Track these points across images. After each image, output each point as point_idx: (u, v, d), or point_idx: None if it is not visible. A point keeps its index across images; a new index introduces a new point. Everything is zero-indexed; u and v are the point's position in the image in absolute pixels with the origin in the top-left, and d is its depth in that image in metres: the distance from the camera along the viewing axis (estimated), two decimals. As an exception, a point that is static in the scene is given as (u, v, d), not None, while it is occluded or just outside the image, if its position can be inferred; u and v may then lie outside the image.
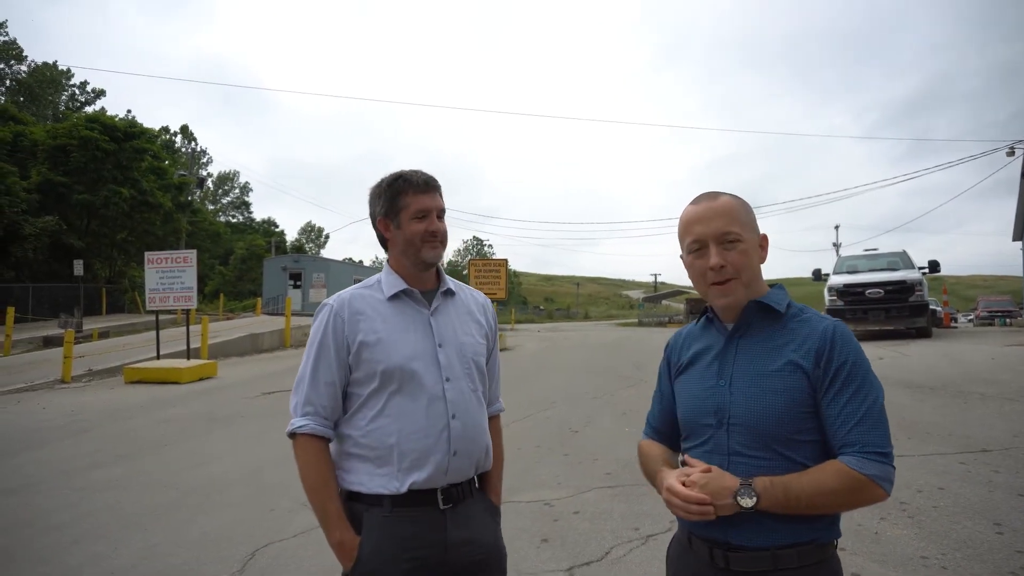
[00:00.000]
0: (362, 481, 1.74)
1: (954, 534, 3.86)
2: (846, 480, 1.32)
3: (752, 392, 1.44)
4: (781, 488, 1.35)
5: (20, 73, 48.47)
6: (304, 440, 1.76)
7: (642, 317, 60.74)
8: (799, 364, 1.41)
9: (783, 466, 1.39)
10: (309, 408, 1.77)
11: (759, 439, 1.42)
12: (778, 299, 1.51)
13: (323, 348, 1.78)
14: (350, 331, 1.78)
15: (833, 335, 1.41)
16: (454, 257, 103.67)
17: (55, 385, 12.19)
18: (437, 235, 1.84)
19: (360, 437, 1.76)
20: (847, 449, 1.34)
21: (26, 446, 7.16)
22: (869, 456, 1.32)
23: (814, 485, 1.34)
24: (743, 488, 1.36)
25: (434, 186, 1.87)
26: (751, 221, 1.53)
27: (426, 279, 1.90)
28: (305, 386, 1.78)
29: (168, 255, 14.03)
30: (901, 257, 16.49)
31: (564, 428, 7.32)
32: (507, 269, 21.33)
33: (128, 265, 38.01)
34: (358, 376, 1.79)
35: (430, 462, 1.73)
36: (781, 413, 1.40)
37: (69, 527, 4.53)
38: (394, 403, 1.76)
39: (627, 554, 3.79)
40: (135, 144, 34.63)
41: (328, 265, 36.05)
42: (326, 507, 1.72)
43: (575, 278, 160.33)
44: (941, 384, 8.85)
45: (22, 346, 20.60)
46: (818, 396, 1.40)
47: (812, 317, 1.48)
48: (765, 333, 1.49)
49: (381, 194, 1.88)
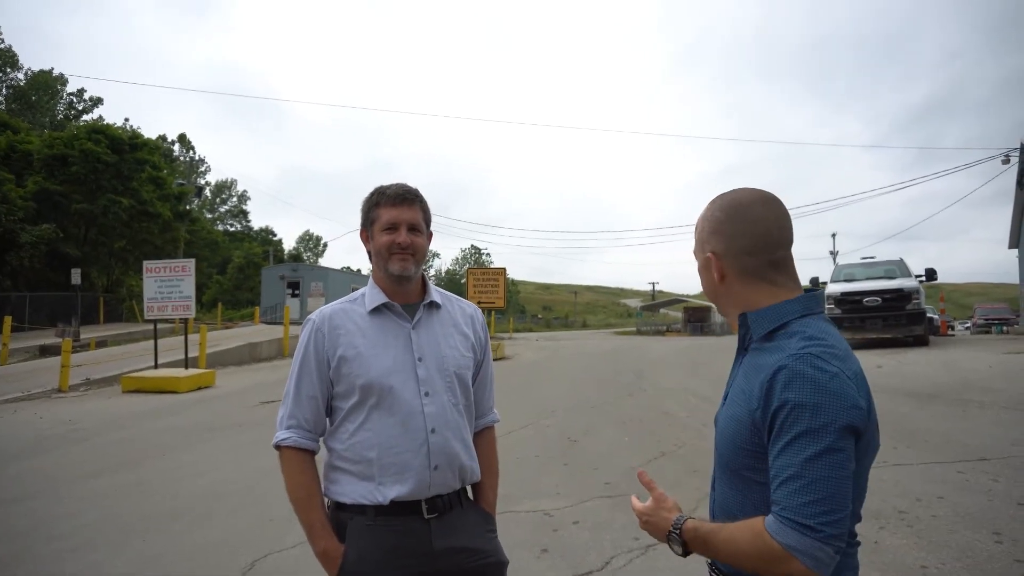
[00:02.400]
0: (346, 492, 1.77)
1: (953, 543, 3.87)
2: (758, 544, 1.15)
3: (725, 413, 1.36)
4: (702, 540, 1.25)
5: (17, 80, 48.57)
6: (288, 452, 1.80)
7: (640, 326, 60.82)
8: (748, 395, 1.26)
9: (742, 503, 1.28)
10: (292, 421, 1.81)
11: (722, 466, 1.35)
12: (766, 317, 1.31)
13: (305, 363, 1.83)
14: (330, 346, 1.81)
15: (776, 372, 1.19)
16: (452, 266, 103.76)
17: (52, 394, 12.15)
18: (406, 248, 1.83)
19: (343, 450, 1.80)
20: (774, 508, 1.15)
21: (24, 455, 7.14)
22: (787, 523, 1.12)
23: (730, 543, 1.21)
24: (672, 533, 1.29)
25: (408, 199, 1.87)
26: (702, 239, 1.41)
27: (410, 292, 1.90)
28: (289, 400, 1.83)
29: (166, 264, 14.03)
30: (898, 265, 16.53)
31: (563, 437, 7.31)
32: (505, 278, 21.34)
33: (126, 274, 37.98)
34: (339, 390, 1.81)
35: (411, 476, 1.74)
36: (730, 443, 1.29)
37: (68, 536, 4.51)
38: (374, 418, 1.77)
39: (627, 564, 3.79)
40: (137, 155, 34.68)
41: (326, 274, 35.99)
42: (310, 517, 1.76)
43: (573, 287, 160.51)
44: (939, 392, 8.87)
45: (19, 355, 20.54)
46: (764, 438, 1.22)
47: (786, 344, 1.24)
48: (754, 350, 1.33)
49: (363, 207, 1.91)
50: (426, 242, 1.90)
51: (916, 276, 15.82)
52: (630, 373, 12.63)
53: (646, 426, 7.82)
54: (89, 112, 50.81)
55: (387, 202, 1.85)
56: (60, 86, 50.56)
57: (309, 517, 1.76)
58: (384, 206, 1.85)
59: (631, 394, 10.25)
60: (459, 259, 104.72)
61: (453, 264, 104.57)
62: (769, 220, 1.34)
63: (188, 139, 63.20)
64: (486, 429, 2.04)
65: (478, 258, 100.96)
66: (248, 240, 66.15)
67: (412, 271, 1.85)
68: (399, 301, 1.87)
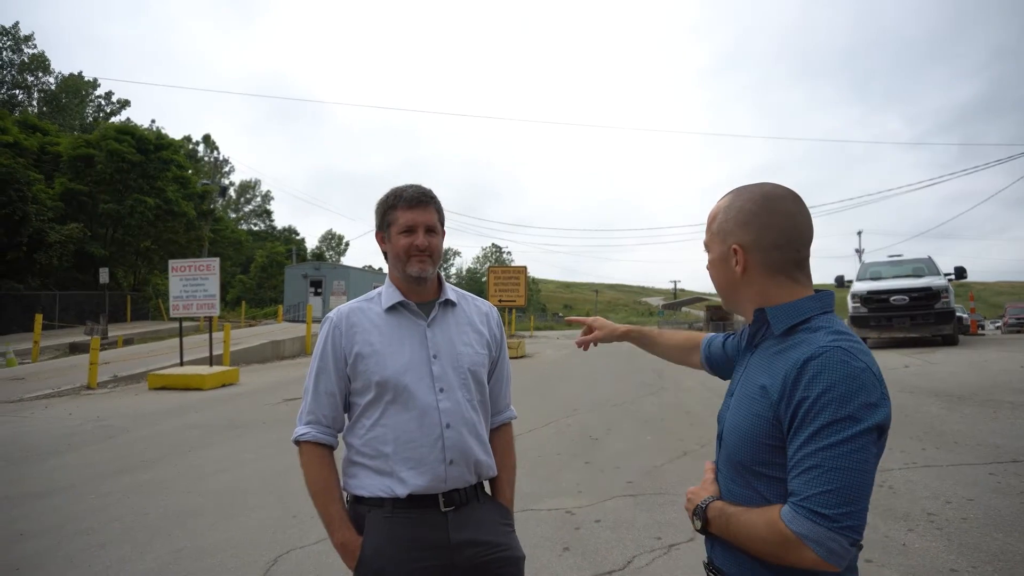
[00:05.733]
0: (364, 485, 1.81)
1: (984, 547, 3.79)
2: (772, 531, 1.16)
3: (735, 410, 1.35)
4: (724, 520, 1.27)
5: (48, 84, 49.58)
6: (307, 447, 1.85)
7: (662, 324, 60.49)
8: (768, 390, 1.24)
9: (752, 499, 1.26)
10: (311, 417, 1.86)
11: (732, 464, 1.33)
12: (787, 313, 1.30)
13: (324, 360, 1.86)
14: (347, 343, 1.84)
15: (803, 365, 1.18)
16: (473, 264, 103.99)
17: (81, 391, 12.38)
18: (424, 250, 1.86)
19: (360, 445, 1.83)
20: (790, 498, 1.16)
21: (54, 451, 7.28)
22: (801, 511, 1.12)
23: (747, 527, 1.22)
24: (698, 509, 1.33)
25: (425, 201, 1.89)
26: (723, 230, 1.37)
27: (425, 290, 1.93)
28: (309, 396, 1.87)
29: (191, 263, 14.23)
30: (926, 263, 16.24)
31: (585, 436, 7.29)
32: (526, 276, 21.33)
33: (152, 273, 38.60)
34: (356, 387, 1.85)
35: (427, 471, 1.77)
36: (746, 439, 1.28)
37: (96, 531, 4.59)
38: (390, 413, 1.81)
39: (649, 563, 3.76)
40: (162, 155, 35.23)
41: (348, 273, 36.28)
42: (328, 510, 1.80)
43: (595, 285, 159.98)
44: (969, 393, 8.69)
45: (49, 352, 20.99)
46: (783, 433, 1.22)
47: (812, 337, 1.24)
48: (768, 346, 1.33)
49: (378, 209, 1.94)
50: (441, 242, 1.94)
51: (945, 274, 15.53)
52: (651, 372, 12.55)
53: (668, 425, 7.77)
54: (117, 114, 51.76)
55: (404, 205, 1.87)
56: (90, 89, 51.54)
57: (328, 510, 1.79)
58: (401, 209, 1.87)
59: (653, 392, 10.19)
60: (480, 258, 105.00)
61: (474, 263, 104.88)
62: (800, 216, 1.33)
63: (212, 140, 64.05)
64: (503, 426, 2.06)
65: (499, 257, 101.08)
66: (271, 239, 66.86)
67: (430, 272, 1.89)
68: (415, 300, 1.91)
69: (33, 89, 49.25)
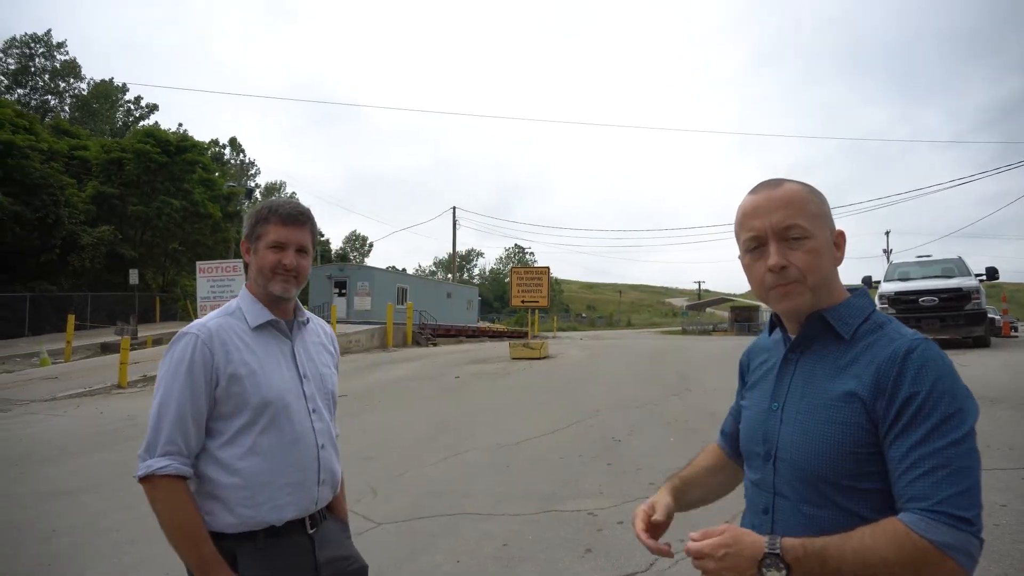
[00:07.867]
0: (229, 520, 1.66)
1: (1017, 553, 3.70)
2: (903, 547, 1.00)
3: (803, 422, 1.20)
4: (816, 558, 1.05)
5: (80, 90, 50.65)
6: (166, 483, 1.63)
7: (686, 325, 60.04)
8: (857, 394, 1.13)
9: (837, 519, 1.12)
10: (171, 447, 1.64)
11: (808, 482, 1.17)
12: (848, 314, 1.24)
13: (189, 380, 1.66)
14: (221, 363, 1.69)
15: (904, 359, 1.10)
16: (496, 265, 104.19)
17: (112, 390, 12.64)
18: (290, 270, 1.79)
19: (226, 476, 1.67)
20: (911, 505, 1.03)
21: (85, 449, 7.44)
22: (938, 517, 1.00)
23: (860, 554, 1.03)
24: (769, 559, 1.07)
25: (300, 220, 1.81)
26: (822, 213, 1.26)
27: (287, 308, 1.87)
28: (167, 422, 1.65)
29: (218, 264, 14.47)
30: (956, 264, 15.92)
31: (607, 437, 7.26)
32: (549, 277, 21.31)
33: (180, 274, 39.19)
34: (224, 410, 1.70)
35: (304, 494, 1.75)
36: (834, 453, 1.14)
37: (126, 528, 4.68)
38: (266, 438, 1.71)
39: (672, 566, 3.74)
40: (187, 157, 35.81)
41: (372, 274, 36.48)
42: (201, 552, 1.61)
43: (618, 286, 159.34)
44: (1002, 396, 8.51)
45: (81, 352, 21.43)
46: (881, 435, 1.11)
47: (889, 333, 1.18)
48: (830, 350, 1.23)
49: (249, 218, 1.85)
50: (309, 263, 1.87)
51: (976, 275, 15.22)
52: (675, 373, 12.47)
53: (692, 427, 7.71)
54: (145, 119, 52.67)
55: (278, 220, 1.78)
56: (120, 94, 52.54)
57: (201, 552, 1.60)
58: (274, 223, 1.78)
59: (677, 394, 10.11)
60: (503, 258, 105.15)
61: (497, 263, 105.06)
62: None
63: (239, 143, 64.97)
64: None
65: (522, 257, 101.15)
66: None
67: (294, 293, 1.84)
68: (280, 317, 1.85)
69: (65, 95, 50.36)
